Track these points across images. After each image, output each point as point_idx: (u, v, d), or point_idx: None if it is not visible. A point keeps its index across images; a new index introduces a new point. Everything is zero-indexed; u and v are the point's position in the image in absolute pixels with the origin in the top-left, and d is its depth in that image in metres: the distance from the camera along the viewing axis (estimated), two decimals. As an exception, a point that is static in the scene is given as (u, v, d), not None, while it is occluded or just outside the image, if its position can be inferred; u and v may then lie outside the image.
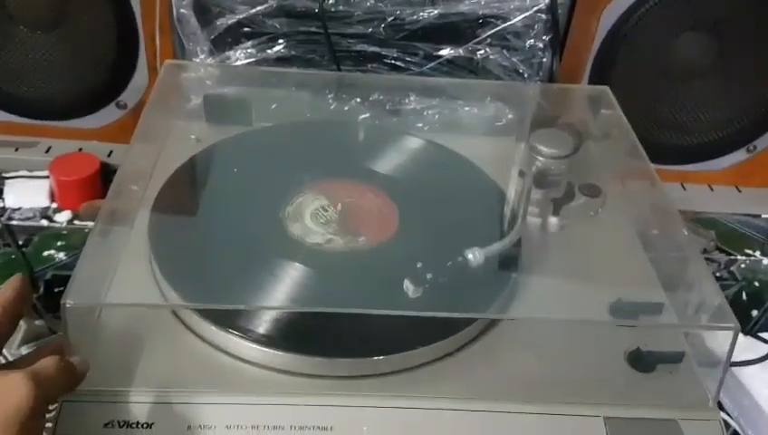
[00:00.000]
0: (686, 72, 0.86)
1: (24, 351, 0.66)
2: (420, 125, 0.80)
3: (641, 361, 0.51)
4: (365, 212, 0.62)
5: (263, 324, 0.50)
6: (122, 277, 0.54)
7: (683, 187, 0.93)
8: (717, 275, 0.83)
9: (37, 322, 0.69)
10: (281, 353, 0.49)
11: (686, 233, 0.59)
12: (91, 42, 0.83)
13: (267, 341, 0.49)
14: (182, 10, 0.76)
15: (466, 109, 0.81)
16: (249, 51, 0.78)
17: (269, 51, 0.78)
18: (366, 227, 0.60)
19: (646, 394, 0.50)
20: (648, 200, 0.66)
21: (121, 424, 0.44)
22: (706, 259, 0.83)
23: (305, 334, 0.50)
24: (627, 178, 0.70)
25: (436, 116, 0.80)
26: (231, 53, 0.78)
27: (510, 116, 0.80)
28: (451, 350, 0.51)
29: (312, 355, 0.49)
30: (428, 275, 0.52)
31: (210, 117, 0.72)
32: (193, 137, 0.68)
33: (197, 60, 0.77)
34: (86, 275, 0.49)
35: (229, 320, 0.50)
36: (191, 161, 0.65)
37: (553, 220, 0.63)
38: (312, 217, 0.60)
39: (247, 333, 0.49)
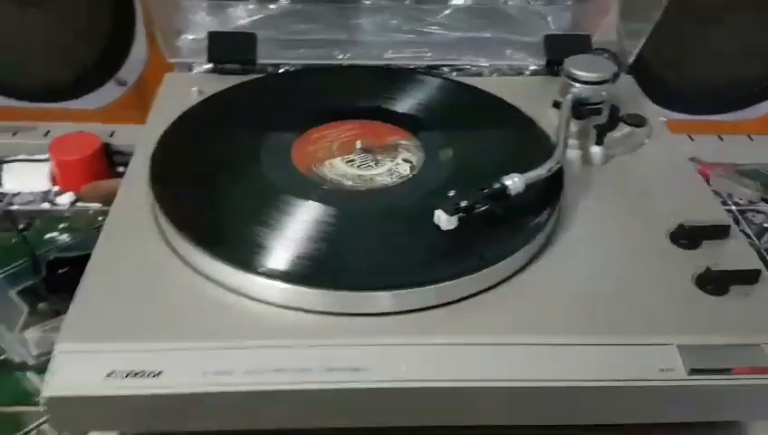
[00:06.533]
0: (716, 11, 0.81)
1: (29, 335, 0.62)
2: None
3: (712, 283, 0.46)
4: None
5: (281, 259, 0.45)
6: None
7: (720, 138, 0.88)
8: (766, 226, 0.79)
9: (41, 304, 0.65)
10: (302, 289, 0.43)
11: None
12: (83, 13, 0.79)
13: (286, 276, 0.43)
14: (177, -31, 0.71)
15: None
16: (250, 8, 0.73)
17: (272, 6, 0.73)
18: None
19: (721, 319, 0.44)
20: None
21: (126, 374, 0.38)
22: (753, 211, 0.81)
23: (328, 268, 0.44)
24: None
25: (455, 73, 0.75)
26: (231, 11, 0.73)
27: (533, 67, 0.75)
28: (494, 282, 0.45)
29: (338, 289, 0.43)
30: (463, 203, 0.46)
31: (214, 55, 0.69)
32: (195, 89, 0.64)
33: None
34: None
35: (243, 257, 0.44)
36: (192, 111, 0.60)
37: (597, 150, 0.58)
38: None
39: (263, 270, 0.44)
